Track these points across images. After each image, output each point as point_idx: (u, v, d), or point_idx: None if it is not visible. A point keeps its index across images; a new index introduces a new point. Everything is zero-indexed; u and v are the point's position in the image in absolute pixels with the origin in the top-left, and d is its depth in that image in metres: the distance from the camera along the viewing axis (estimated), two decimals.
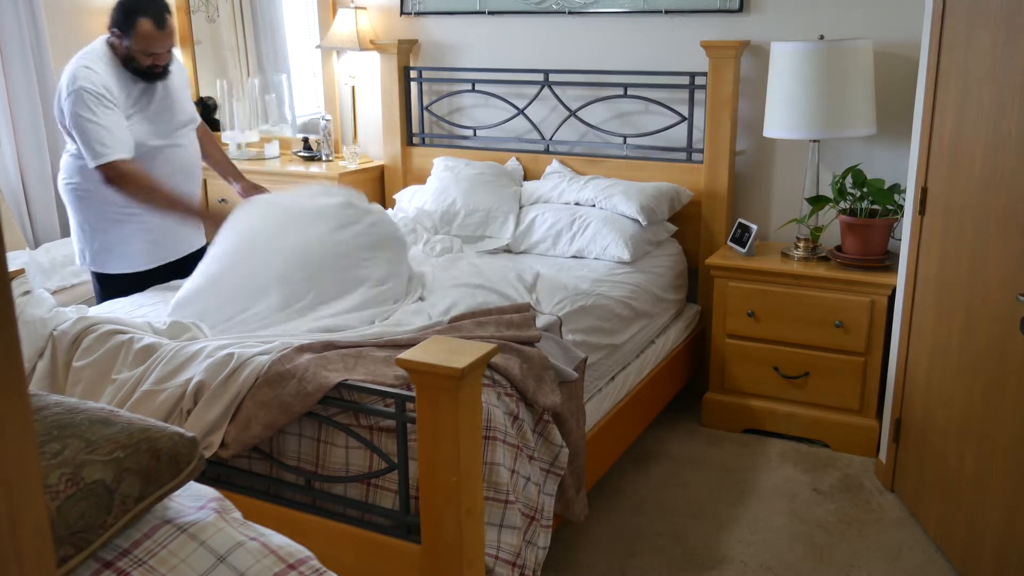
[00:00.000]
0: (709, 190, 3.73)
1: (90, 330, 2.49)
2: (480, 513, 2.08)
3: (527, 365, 2.42)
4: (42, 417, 1.38)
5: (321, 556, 1.51)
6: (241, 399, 2.26)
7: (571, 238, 3.57)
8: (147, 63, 3.02)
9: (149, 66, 3.03)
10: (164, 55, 3.04)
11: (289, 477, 2.31)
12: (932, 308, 2.82)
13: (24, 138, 4.33)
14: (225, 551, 1.35)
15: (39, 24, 4.31)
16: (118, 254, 3.18)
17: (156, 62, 3.04)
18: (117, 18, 2.99)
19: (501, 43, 4.17)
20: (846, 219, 3.34)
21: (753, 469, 3.30)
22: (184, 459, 1.40)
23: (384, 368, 2.31)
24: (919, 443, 2.92)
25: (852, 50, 3.26)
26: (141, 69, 3.04)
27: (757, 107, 3.66)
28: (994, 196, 2.42)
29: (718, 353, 3.57)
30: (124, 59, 3.03)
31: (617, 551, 2.82)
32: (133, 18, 2.95)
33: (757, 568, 2.72)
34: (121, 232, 3.14)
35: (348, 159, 4.40)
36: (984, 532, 2.49)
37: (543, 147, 4.14)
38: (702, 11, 3.73)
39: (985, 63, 2.47)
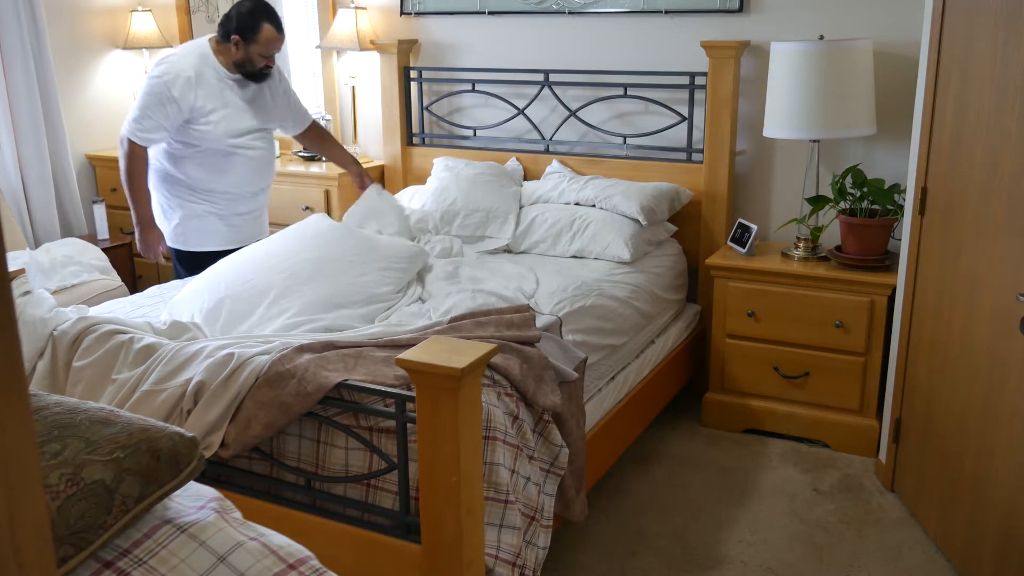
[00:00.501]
0: (709, 190, 3.73)
1: (90, 330, 2.49)
2: (480, 513, 2.08)
3: (527, 365, 2.42)
4: (42, 417, 1.38)
5: (321, 556, 1.51)
6: (241, 399, 2.26)
7: (571, 238, 3.57)
8: (262, 64, 3.36)
9: (263, 67, 3.38)
10: (273, 59, 3.40)
11: (289, 477, 2.31)
12: (932, 308, 2.82)
13: (24, 138, 4.33)
14: (225, 551, 1.35)
15: (39, 24, 4.31)
16: (195, 232, 3.49)
17: (268, 64, 3.39)
18: (242, 24, 3.30)
19: (501, 43, 4.17)
20: (846, 219, 3.34)
21: (753, 469, 3.30)
22: (184, 459, 1.40)
23: (384, 368, 2.31)
24: (919, 443, 2.92)
25: (852, 50, 3.26)
26: (254, 71, 3.37)
27: (757, 107, 3.65)
28: (994, 196, 2.42)
29: (718, 353, 3.57)
30: (238, 62, 3.35)
31: (617, 551, 2.82)
32: (259, 23, 3.29)
33: (757, 568, 2.72)
34: (195, 213, 3.46)
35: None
36: (984, 532, 2.49)
37: (543, 147, 4.14)
38: (702, 11, 3.73)
39: (985, 63, 2.47)
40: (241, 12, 3.31)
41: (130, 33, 4.80)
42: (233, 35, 3.30)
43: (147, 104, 3.26)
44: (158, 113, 3.26)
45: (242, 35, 3.30)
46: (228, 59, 3.35)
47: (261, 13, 3.31)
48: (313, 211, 4.30)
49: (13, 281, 2.46)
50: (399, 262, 3.07)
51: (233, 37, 3.30)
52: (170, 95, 3.25)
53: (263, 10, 3.32)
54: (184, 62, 3.31)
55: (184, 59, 3.32)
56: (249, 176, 3.49)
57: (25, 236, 4.35)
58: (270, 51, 3.35)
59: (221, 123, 3.34)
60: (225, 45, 3.34)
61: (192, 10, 4.96)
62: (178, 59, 3.32)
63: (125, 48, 4.85)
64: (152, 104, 3.26)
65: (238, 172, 3.45)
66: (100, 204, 4.45)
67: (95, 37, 4.78)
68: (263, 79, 3.43)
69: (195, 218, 3.47)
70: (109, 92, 4.88)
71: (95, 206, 4.43)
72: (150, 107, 3.26)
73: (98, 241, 4.39)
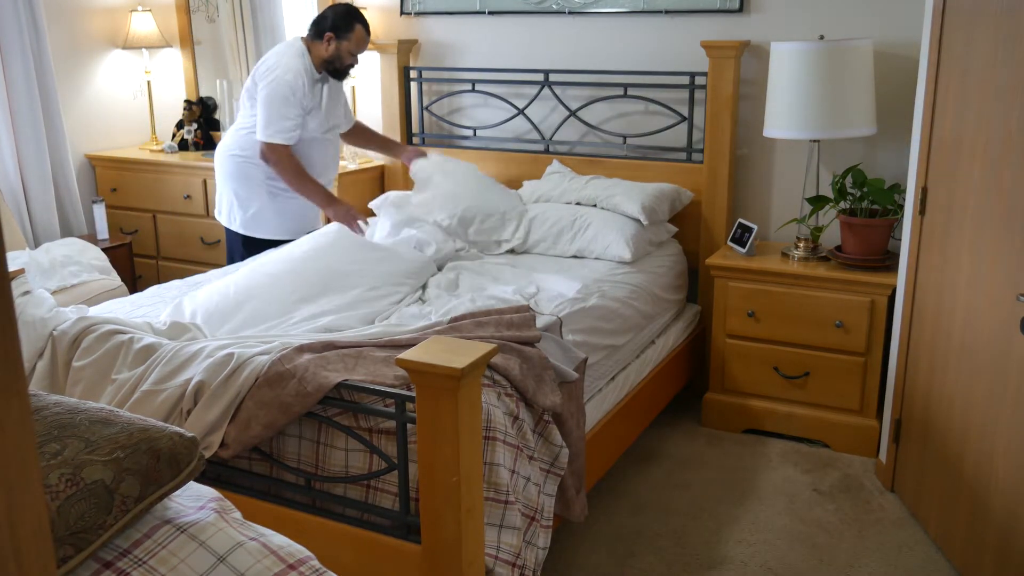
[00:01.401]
0: (709, 190, 3.73)
1: (90, 330, 2.49)
2: (480, 513, 2.08)
3: (527, 365, 2.42)
4: (42, 417, 1.38)
5: (321, 556, 1.51)
6: (241, 399, 2.25)
7: (572, 237, 3.56)
8: (349, 62, 3.63)
9: (348, 65, 3.64)
10: (357, 58, 3.66)
11: (289, 477, 2.31)
12: (932, 308, 2.82)
13: (24, 138, 4.33)
14: (225, 551, 1.35)
15: (39, 24, 4.31)
16: (266, 222, 3.73)
17: (354, 63, 3.66)
18: (337, 23, 3.56)
19: (501, 43, 4.17)
20: (846, 219, 3.34)
21: (753, 469, 3.30)
22: (184, 459, 1.40)
23: (384, 368, 2.31)
24: (919, 443, 2.92)
25: (852, 50, 3.26)
26: (341, 68, 3.64)
27: (757, 107, 3.65)
28: (994, 196, 2.41)
29: (718, 353, 3.57)
30: (327, 59, 3.59)
31: (617, 551, 2.81)
32: (352, 23, 3.56)
33: (757, 568, 2.72)
34: (272, 204, 3.70)
35: (348, 159, 4.40)
36: (984, 532, 2.49)
37: (543, 147, 4.13)
38: (702, 11, 3.73)
39: (985, 63, 2.47)
40: (337, 12, 3.60)
41: (130, 33, 4.80)
42: (328, 32, 3.55)
43: (275, 106, 3.49)
44: (290, 110, 3.50)
45: (336, 33, 3.55)
46: (318, 57, 3.59)
47: (355, 15, 3.60)
48: None
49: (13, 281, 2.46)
50: (408, 277, 3.11)
51: (327, 34, 3.55)
52: (291, 92, 3.50)
53: (357, 13, 3.62)
54: (293, 62, 3.54)
55: (292, 60, 3.55)
56: (327, 167, 3.78)
57: (25, 236, 4.35)
58: (359, 50, 3.63)
59: (317, 117, 3.62)
60: (317, 43, 3.58)
61: (192, 10, 4.96)
62: (287, 60, 3.55)
63: (125, 48, 4.85)
64: (280, 105, 3.50)
65: (321, 163, 3.71)
66: (100, 204, 4.45)
67: (95, 37, 4.78)
68: (346, 77, 3.73)
69: (269, 209, 3.70)
70: (109, 92, 4.88)
71: (95, 206, 4.43)
72: (280, 108, 3.50)
73: (98, 241, 4.39)
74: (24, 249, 4.05)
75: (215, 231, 4.39)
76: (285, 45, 3.68)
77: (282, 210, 3.73)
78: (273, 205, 3.72)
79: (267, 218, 3.74)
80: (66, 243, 4.12)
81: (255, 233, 3.77)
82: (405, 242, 3.42)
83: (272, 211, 3.73)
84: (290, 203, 3.71)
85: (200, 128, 4.88)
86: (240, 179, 3.71)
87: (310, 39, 3.61)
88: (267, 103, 3.52)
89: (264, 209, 3.72)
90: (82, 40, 4.73)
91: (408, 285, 3.10)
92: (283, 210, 3.73)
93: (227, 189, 3.77)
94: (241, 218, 3.76)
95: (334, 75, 3.67)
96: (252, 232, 3.77)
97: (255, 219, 3.74)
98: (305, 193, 3.59)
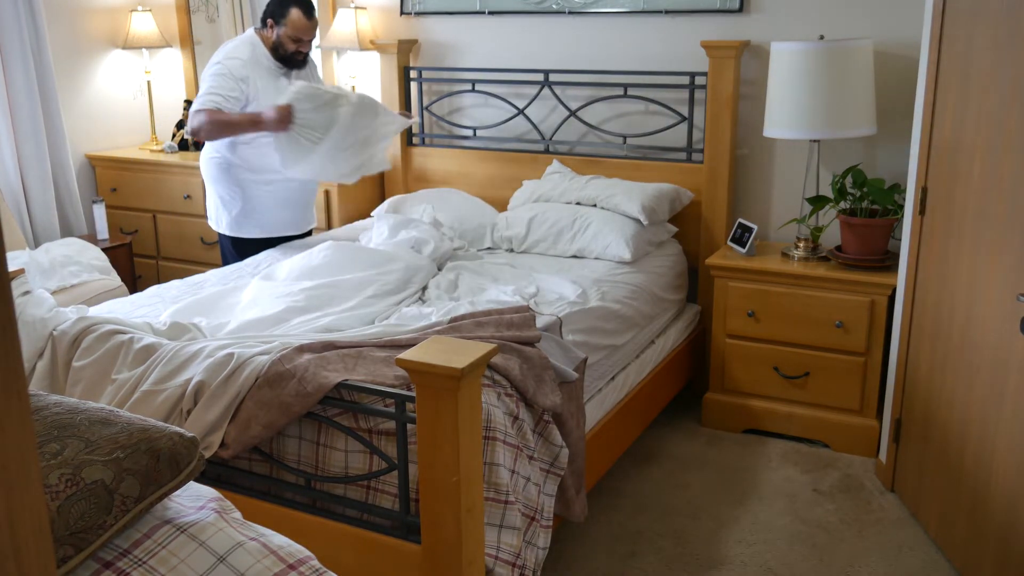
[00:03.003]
0: (709, 190, 3.73)
1: (90, 330, 2.49)
2: (480, 513, 2.08)
3: (527, 365, 2.42)
4: (42, 417, 1.38)
5: (321, 556, 1.51)
6: (241, 399, 2.25)
7: (572, 237, 3.56)
8: (292, 49, 3.55)
9: (293, 52, 3.56)
10: (306, 44, 3.58)
11: (289, 477, 2.31)
12: (932, 308, 2.82)
13: (24, 138, 4.33)
14: (225, 551, 1.35)
15: (39, 24, 4.31)
16: (249, 222, 3.71)
17: (300, 48, 3.57)
18: (274, 8, 3.52)
19: (501, 43, 4.17)
20: (846, 219, 3.34)
21: (753, 469, 3.30)
22: (184, 459, 1.40)
23: (384, 368, 2.31)
24: (919, 443, 2.92)
25: (852, 50, 3.26)
26: (285, 56, 3.56)
27: (757, 107, 3.65)
28: (994, 196, 2.41)
29: (718, 353, 3.57)
30: (272, 47, 3.55)
31: (617, 551, 2.81)
32: (287, 7, 3.49)
33: (757, 568, 2.72)
34: (253, 201, 3.67)
35: None
36: (984, 532, 2.49)
37: (543, 147, 4.13)
38: (702, 11, 3.73)
39: (985, 63, 2.47)
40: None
41: (130, 33, 4.80)
42: (268, 19, 3.55)
43: (215, 82, 3.46)
44: (227, 86, 3.46)
45: (274, 18, 3.53)
46: (268, 45, 3.58)
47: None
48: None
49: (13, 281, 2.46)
50: (408, 282, 3.10)
51: (268, 21, 3.55)
52: (233, 75, 3.48)
53: None
54: (237, 50, 3.54)
55: (237, 48, 3.55)
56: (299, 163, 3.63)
57: (25, 236, 4.35)
58: (299, 36, 3.53)
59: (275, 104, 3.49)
60: (263, 31, 3.58)
61: (192, 10, 4.96)
62: (231, 48, 3.56)
63: (125, 48, 4.85)
64: (220, 81, 3.46)
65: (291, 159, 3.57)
66: (100, 204, 4.45)
67: (95, 37, 4.78)
68: (296, 66, 3.62)
69: (253, 206, 3.68)
70: (109, 92, 4.87)
71: (95, 206, 4.43)
72: (219, 83, 3.45)
73: (98, 241, 4.39)
74: (24, 249, 4.05)
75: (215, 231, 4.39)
76: (237, 37, 3.69)
77: (264, 207, 3.69)
78: (254, 203, 3.68)
79: (250, 217, 3.71)
80: (66, 243, 4.12)
81: (240, 233, 3.75)
82: (403, 244, 3.42)
83: (254, 209, 3.69)
84: (270, 199, 3.68)
85: None
86: (221, 181, 3.68)
87: (258, 28, 3.62)
88: (202, 84, 3.55)
89: (246, 208, 3.69)
90: (82, 40, 4.73)
91: (410, 287, 3.10)
92: (265, 207, 3.69)
93: (211, 192, 3.77)
94: (227, 220, 3.74)
95: (284, 63, 3.59)
96: (238, 233, 3.75)
97: (239, 220, 3.72)
98: (233, 131, 3.47)
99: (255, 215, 3.71)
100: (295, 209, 3.78)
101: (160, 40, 4.85)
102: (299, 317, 2.77)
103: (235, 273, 3.39)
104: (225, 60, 3.51)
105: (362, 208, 4.31)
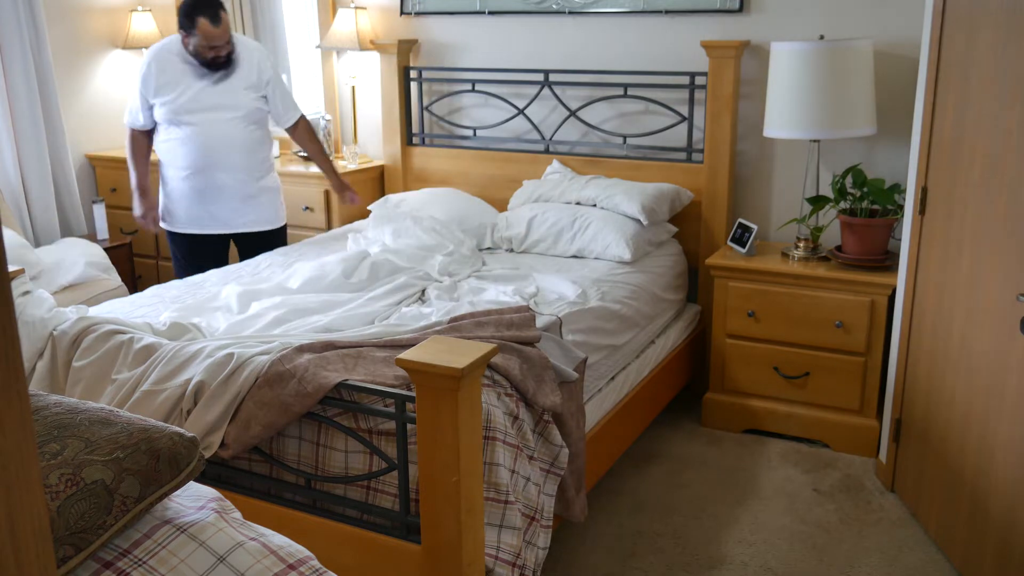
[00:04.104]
0: (709, 190, 3.73)
1: (90, 330, 2.49)
2: (480, 513, 2.08)
3: (527, 365, 2.42)
4: (42, 417, 1.38)
5: (321, 556, 1.51)
6: (241, 399, 2.25)
7: (572, 237, 3.56)
8: (210, 55, 3.54)
9: (213, 58, 3.55)
10: (223, 47, 3.55)
11: (289, 478, 2.31)
12: (932, 308, 2.82)
13: (24, 138, 4.33)
14: (225, 551, 1.35)
15: (39, 24, 4.31)
16: (175, 212, 3.74)
17: (217, 54, 3.55)
18: (181, 20, 3.52)
19: (501, 43, 4.17)
20: (846, 219, 3.34)
21: (753, 469, 3.30)
22: (184, 459, 1.40)
23: (384, 368, 2.31)
24: (919, 443, 2.92)
25: (852, 50, 3.26)
26: (207, 62, 3.56)
27: (757, 107, 3.65)
28: (994, 196, 2.41)
29: (718, 353, 3.57)
30: (191, 54, 3.56)
31: (617, 551, 2.81)
32: (193, 18, 3.47)
33: (757, 568, 2.72)
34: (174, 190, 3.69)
35: (348, 159, 4.40)
36: (985, 532, 2.49)
37: (543, 147, 4.13)
38: (702, 11, 3.73)
39: (985, 63, 2.47)
40: (182, 8, 3.53)
41: (130, 33, 4.80)
42: (180, 29, 3.56)
43: (133, 94, 3.66)
44: (137, 97, 3.64)
45: (184, 29, 3.54)
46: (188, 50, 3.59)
47: (197, 8, 3.47)
48: (313, 211, 4.30)
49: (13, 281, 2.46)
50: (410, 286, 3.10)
51: (180, 32, 3.57)
52: (141, 76, 3.61)
53: (200, 4, 3.47)
54: (150, 52, 3.64)
55: (151, 51, 3.65)
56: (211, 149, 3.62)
57: (25, 236, 4.34)
58: (212, 42, 3.51)
59: (179, 99, 3.57)
60: (185, 38, 3.58)
61: None
62: (148, 51, 3.67)
63: (125, 48, 4.85)
64: (135, 94, 3.65)
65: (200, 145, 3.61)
66: (100, 204, 4.45)
67: (95, 37, 4.78)
68: (218, 68, 3.59)
69: (174, 195, 3.70)
70: (109, 92, 4.87)
71: (95, 206, 4.43)
72: (134, 96, 3.66)
73: (98, 241, 4.39)
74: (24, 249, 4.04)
75: None
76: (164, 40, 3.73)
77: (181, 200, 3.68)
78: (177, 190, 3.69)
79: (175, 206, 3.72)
80: (66, 243, 4.12)
81: (170, 226, 3.77)
82: (404, 246, 3.41)
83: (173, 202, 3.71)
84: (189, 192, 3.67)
85: None
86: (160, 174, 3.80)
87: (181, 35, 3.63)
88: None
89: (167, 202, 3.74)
90: (82, 40, 4.73)
91: (411, 289, 3.10)
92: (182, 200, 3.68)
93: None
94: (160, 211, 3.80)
95: (207, 67, 3.56)
96: (168, 225, 3.77)
97: (164, 209, 3.77)
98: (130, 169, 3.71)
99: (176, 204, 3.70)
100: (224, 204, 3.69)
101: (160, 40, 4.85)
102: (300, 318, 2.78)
103: (235, 273, 3.39)
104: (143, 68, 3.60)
105: (362, 207, 4.31)
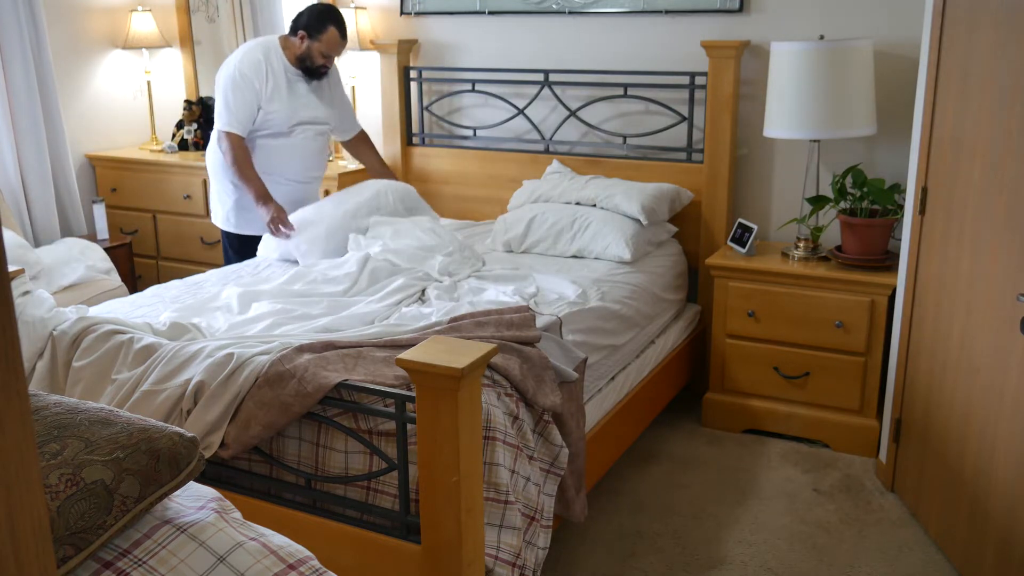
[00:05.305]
0: (709, 190, 3.73)
1: (90, 330, 2.49)
2: (480, 513, 2.08)
3: (527, 365, 2.42)
4: (42, 417, 1.38)
5: (321, 556, 1.51)
6: (241, 399, 2.25)
7: (571, 237, 3.56)
8: (320, 63, 3.64)
9: (320, 66, 3.65)
10: (331, 60, 3.69)
11: (289, 478, 2.31)
12: (932, 308, 2.82)
13: (24, 138, 4.33)
14: (225, 551, 1.35)
15: (39, 24, 4.31)
16: (244, 217, 3.75)
17: (327, 64, 3.68)
18: (310, 21, 3.60)
19: (501, 43, 4.17)
20: (846, 219, 3.34)
21: (753, 469, 3.30)
22: (184, 459, 1.40)
23: (384, 368, 2.31)
24: (919, 443, 2.92)
25: (852, 50, 3.26)
26: (312, 68, 3.65)
27: (757, 107, 3.65)
28: (994, 196, 2.41)
29: (718, 353, 3.57)
30: (299, 56, 3.63)
31: (617, 551, 2.81)
32: (326, 24, 3.58)
33: (757, 568, 2.72)
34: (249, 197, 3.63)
35: (348, 159, 4.40)
36: (985, 532, 2.49)
37: (543, 147, 4.13)
38: (702, 11, 3.73)
39: (985, 63, 2.47)
40: (312, 11, 3.63)
41: (130, 33, 4.80)
42: (301, 30, 3.60)
43: (231, 95, 3.57)
44: (243, 100, 3.57)
45: (308, 32, 3.59)
46: (292, 53, 3.65)
47: (330, 16, 3.61)
48: None
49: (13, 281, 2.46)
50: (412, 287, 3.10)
51: (300, 32, 3.60)
52: (247, 82, 3.56)
53: (332, 13, 3.62)
54: (252, 53, 3.62)
55: (251, 51, 3.63)
56: (303, 163, 3.76)
57: (25, 236, 4.34)
58: (331, 52, 3.64)
59: (284, 109, 3.63)
60: (292, 40, 3.64)
61: (192, 10, 4.96)
62: (246, 51, 3.64)
63: (125, 48, 4.85)
64: (230, 91, 3.57)
65: (294, 158, 3.72)
66: (100, 204, 4.45)
67: (95, 37, 4.78)
68: (319, 77, 3.72)
69: (248, 201, 3.65)
70: (109, 92, 4.87)
71: (95, 206, 4.43)
72: (235, 97, 3.57)
73: (98, 241, 4.39)
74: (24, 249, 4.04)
75: (215, 231, 4.38)
76: (254, 39, 3.77)
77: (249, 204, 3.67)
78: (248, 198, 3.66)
79: (243, 213, 3.74)
80: (66, 243, 4.12)
81: (234, 229, 3.80)
82: (403, 246, 3.41)
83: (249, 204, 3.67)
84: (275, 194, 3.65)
85: (200, 128, 4.87)
86: (217, 175, 3.76)
87: (288, 35, 3.69)
88: (220, 92, 3.62)
89: (241, 202, 3.72)
90: (82, 40, 4.73)
91: (411, 289, 3.10)
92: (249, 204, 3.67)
93: (213, 185, 3.84)
94: (223, 214, 3.81)
95: (307, 73, 3.68)
96: (232, 228, 3.80)
97: (233, 214, 3.77)
98: (244, 185, 3.59)
99: (249, 211, 3.70)
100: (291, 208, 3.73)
101: (160, 40, 4.86)
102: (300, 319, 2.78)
103: (235, 273, 3.39)
104: (239, 65, 3.58)
105: None
